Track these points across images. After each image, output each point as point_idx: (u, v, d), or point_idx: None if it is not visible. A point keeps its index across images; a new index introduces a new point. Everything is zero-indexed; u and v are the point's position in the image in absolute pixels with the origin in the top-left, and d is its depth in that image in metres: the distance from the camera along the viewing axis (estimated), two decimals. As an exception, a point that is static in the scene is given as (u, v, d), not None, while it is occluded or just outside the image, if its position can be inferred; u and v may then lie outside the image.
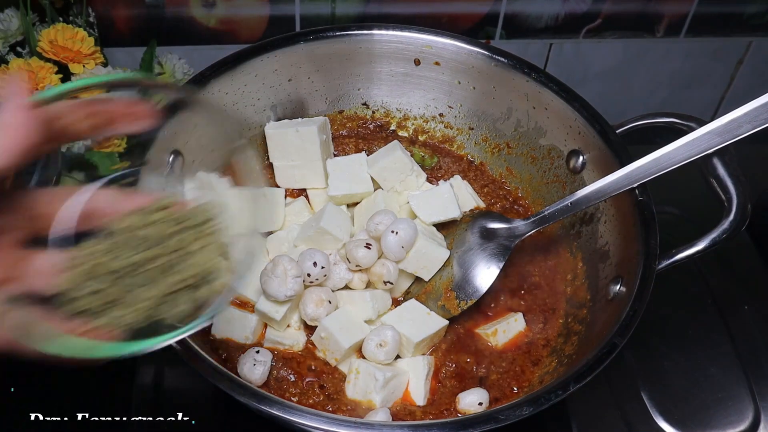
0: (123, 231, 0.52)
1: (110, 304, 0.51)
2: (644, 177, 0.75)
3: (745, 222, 0.74)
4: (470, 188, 0.92)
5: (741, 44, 1.16)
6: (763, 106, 0.69)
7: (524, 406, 0.63)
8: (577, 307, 0.82)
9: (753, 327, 0.92)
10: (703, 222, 0.76)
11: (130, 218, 0.52)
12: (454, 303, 0.80)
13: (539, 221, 0.81)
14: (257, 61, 0.87)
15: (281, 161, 0.88)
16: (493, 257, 0.81)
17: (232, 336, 0.77)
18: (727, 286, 0.97)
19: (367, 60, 0.92)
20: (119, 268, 0.51)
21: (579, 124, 0.85)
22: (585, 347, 0.73)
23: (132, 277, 0.51)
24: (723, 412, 0.85)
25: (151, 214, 0.52)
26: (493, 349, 0.80)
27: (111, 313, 0.51)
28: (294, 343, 0.78)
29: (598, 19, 1.10)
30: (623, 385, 0.86)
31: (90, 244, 0.52)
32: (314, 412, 0.62)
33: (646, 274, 0.71)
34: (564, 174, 0.89)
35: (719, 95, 1.24)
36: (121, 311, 0.51)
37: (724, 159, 0.74)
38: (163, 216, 0.52)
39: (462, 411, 0.74)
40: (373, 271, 0.79)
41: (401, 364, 0.76)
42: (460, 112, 0.96)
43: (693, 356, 0.89)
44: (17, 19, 0.92)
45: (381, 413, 0.71)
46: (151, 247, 0.51)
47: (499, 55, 0.88)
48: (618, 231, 0.80)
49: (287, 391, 0.74)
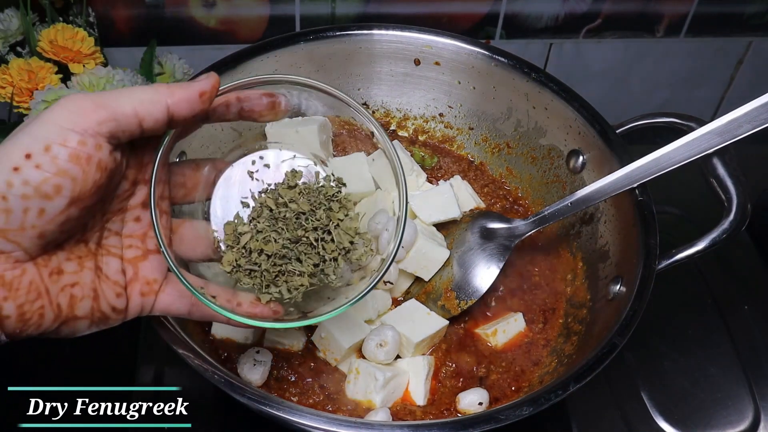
0: (265, 211, 0.59)
1: (267, 281, 0.58)
2: (644, 177, 0.75)
3: (745, 222, 0.74)
4: (470, 188, 0.92)
5: (741, 44, 1.16)
6: (763, 106, 0.69)
7: (524, 406, 0.63)
8: (577, 307, 0.82)
9: (753, 327, 0.92)
10: (703, 222, 0.76)
11: (268, 198, 0.60)
12: (454, 303, 0.80)
13: (539, 221, 0.81)
14: (257, 61, 0.87)
15: (281, 161, 0.88)
16: (493, 257, 0.81)
17: (232, 336, 0.77)
18: (727, 286, 0.96)
19: (367, 60, 0.92)
20: (271, 250, 0.58)
21: (579, 124, 0.85)
22: (585, 347, 0.73)
23: (281, 257, 0.58)
24: (723, 412, 0.85)
25: (286, 193, 0.60)
26: (493, 349, 0.80)
27: (270, 290, 0.59)
28: (294, 343, 0.78)
29: (598, 19, 1.10)
30: (623, 385, 0.86)
31: (239, 226, 0.60)
32: (314, 412, 0.62)
33: (646, 274, 0.71)
34: (564, 174, 0.89)
35: (719, 95, 1.24)
36: (277, 288, 0.59)
37: (724, 159, 0.74)
38: (295, 195, 0.60)
39: (462, 411, 0.74)
40: (373, 271, 0.79)
41: (401, 364, 0.76)
42: (460, 112, 0.96)
43: (693, 356, 0.89)
44: (17, 19, 0.92)
45: (381, 413, 0.71)
46: (293, 227, 0.58)
47: (499, 55, 0.89)
48: (618, 231, 0.80)
49: (287, 391, 0.74)
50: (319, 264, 0.59)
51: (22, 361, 0.86)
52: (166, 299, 0.59)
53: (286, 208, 0.59)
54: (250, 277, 0.59)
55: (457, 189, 0.89)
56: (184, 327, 0.72)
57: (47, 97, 0.90)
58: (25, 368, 0.85)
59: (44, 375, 0.83)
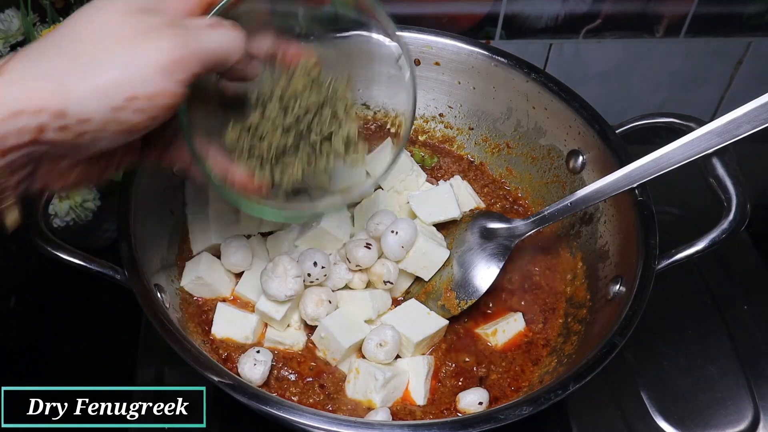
0: (276, 93, 0.62)
1: (267, 160, 0.61)
2: (644, 177, 0.75)
3: (745, 222, 0.74)
4: (470, 188, 0.92)
5: (740, 44, 1.16)
6: (763, 106, 0.69)
7: (524, 405, 0.63)
8: (577, 307, 0.82)
9: (753, 327, 0.93)
10: (703, 222, 0.76)
11: (280, 82, 0.62)
12: (454, 303, 0.80)
13: (539, 221, 0.81)
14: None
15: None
16: (493, 257, 0.82)
17: (233, 336, 0.77)
18: (727, 286, 0.97)
19: (367, 60, 0.92)
20: (275, 142, 0.61)
21: (579, 125, 0.85)
22: (585, 347, 0.73)
23: (285, 137, 0.61)
24: (722, 411, 0.85)
25: (298, 79, 0.62)
26: (493, 348, 0.80)
27: (265, 171, 0.62)
28: (294, 343, 0.78)
29: (598, 20, 1.10)
30: (623, 385, 0.86)
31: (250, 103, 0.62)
32: (314, 411, 0.62)
33: (645, 274, 0.71)
34: (564, 174, 0.89)
35: (719, 95, 1.24)
36: (278, 169, 0.62)
37: (723, 159, 0.74)
38: (306, 81, 0.62)
39: (462, 410, 0.74)
40: (373, 271, 0.79)
41: (401, 364, 0.76)
42: (460, 112, 0.96)
43: (693, 356, 0.89)
44: (18, 19, 0.92)
45: (381, 413, 0.71)
46: (298, 124, 0.62)
47: (499, 55, 0.89)
48: (618, 231, 0.80)
49: (287, 390, 0.75)
50: (313, 162, 0.63)
51: (22, 361, 0.86)
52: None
53: (296, 102, 0.61)
54: (249, 155, 0.61)
55: (457, 189, 0.89)
56: (184, 327, 0.73)
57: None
58: (25, 368, 0.85)
59: (44, 375, 0.83)
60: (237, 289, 0.80)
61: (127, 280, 0.68)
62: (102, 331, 0.89)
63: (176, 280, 0.80)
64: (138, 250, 0.71)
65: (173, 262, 0.81)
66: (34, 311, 0.91)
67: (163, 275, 0.77)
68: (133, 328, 0.87)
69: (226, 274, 0.81)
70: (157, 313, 0.67)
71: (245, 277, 0.80)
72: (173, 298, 0.77)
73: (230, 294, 0.81)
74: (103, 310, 0.90)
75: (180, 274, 0.80)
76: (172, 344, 0.65)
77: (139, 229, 0.73)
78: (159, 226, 0.79)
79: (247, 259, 0.79)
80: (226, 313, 0.77)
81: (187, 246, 0.83)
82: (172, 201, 0.82)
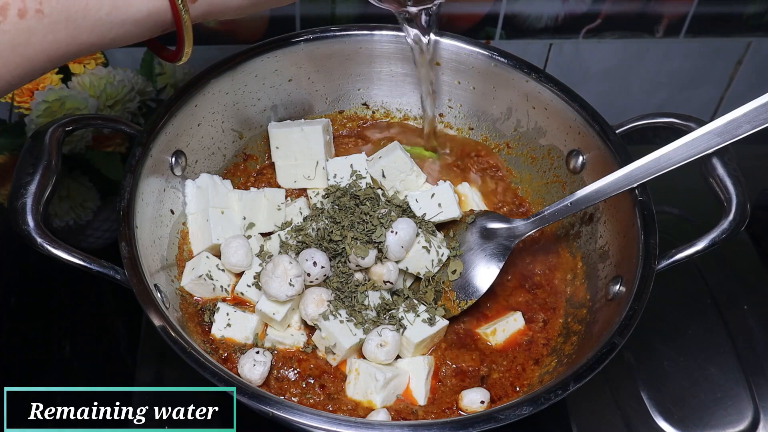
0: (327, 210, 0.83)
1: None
2: (644, 177, 0.75)
3: (745, 222, 0.74)
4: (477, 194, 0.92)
5: (740, 44, 1.16)
6: (763, 106, 0.69)
7: (524, 405, 0.63)
8: (577, 306, 0.82)
9: (753, 327, 0.93)
10: (703, 222, 0.76)
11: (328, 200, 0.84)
12: (454, 303, 0.80)
13: (539, 221, 0.81)
14: (257, 62, 0.87)
15: (284, 161, 0.88)
16: (493, 257, 0.82)
17: (233, 336, 0.77)
18: (727, 286, 0.97)
19: (367, 60, 0.92)
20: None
21: (579, 124, 0.85)
22: (585, 347, 0.73)
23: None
24: (722, 411, 0.85)
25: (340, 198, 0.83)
26: (494, 348, 0.80)
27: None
28: (294, 343, 0.78)
29: (598, 20, 1.10)
30: (623, 385, 0.86)
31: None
32: (314, 411, 0.62)
33: (645, 274, 0.71)
34: (564, 174, 0.89)
35: (719, 95, 1.24)
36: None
37: (723, 159, 0.75)
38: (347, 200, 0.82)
39: (463, 409, 0.74)
40: (373, 271, 0.79)
41: (401, 364, 0.76)
42: (460, 112, 0.96)
43: (693, 356, 0.89)
44: (17, 19, 0.92)
45: (381, 413, 0.71)
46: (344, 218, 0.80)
47: (499, 55, 0.89)
48: (618, 231, 0.80)
49: (287, 391, 0.75)
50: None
51: (23, 361, 0.86)
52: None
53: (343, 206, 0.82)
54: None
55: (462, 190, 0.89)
56: (184, 327, 0.72)
57: (48, 98, 0.90)
58: (25, 368, 0.85)
59: (44, 375, 0.83)
60: (237, 289, 0.80)
61: (127, 280, 0.68)
62: (102, 331, 0.89)
63: (176, 280, 0.80)
64: (138, 250, 0.71)
65: (173, 262, 0.81)
66: (34, 311, 0.90)
67: (163, 275, 0.77)
68: (133, 328, 0.87)
69: (226, 274, 0.81)
70: (157, 313, 0.67)
71: (245, 277, 0.80)
72: (173, 298, 0.77)
73: (230, 294, 0.81)
74: (103, 310, 0.90)
75: (180, 274, 0.80)
76: (172, 344, 0.65)
77: (139, 229, 0.73)
78: (159, 226, 0.79)
79: (247, 259, 0.79)
80: (226, 313, 0.77)
81: (187, 246, 0.83)
82: (172, 201, 0.82)
